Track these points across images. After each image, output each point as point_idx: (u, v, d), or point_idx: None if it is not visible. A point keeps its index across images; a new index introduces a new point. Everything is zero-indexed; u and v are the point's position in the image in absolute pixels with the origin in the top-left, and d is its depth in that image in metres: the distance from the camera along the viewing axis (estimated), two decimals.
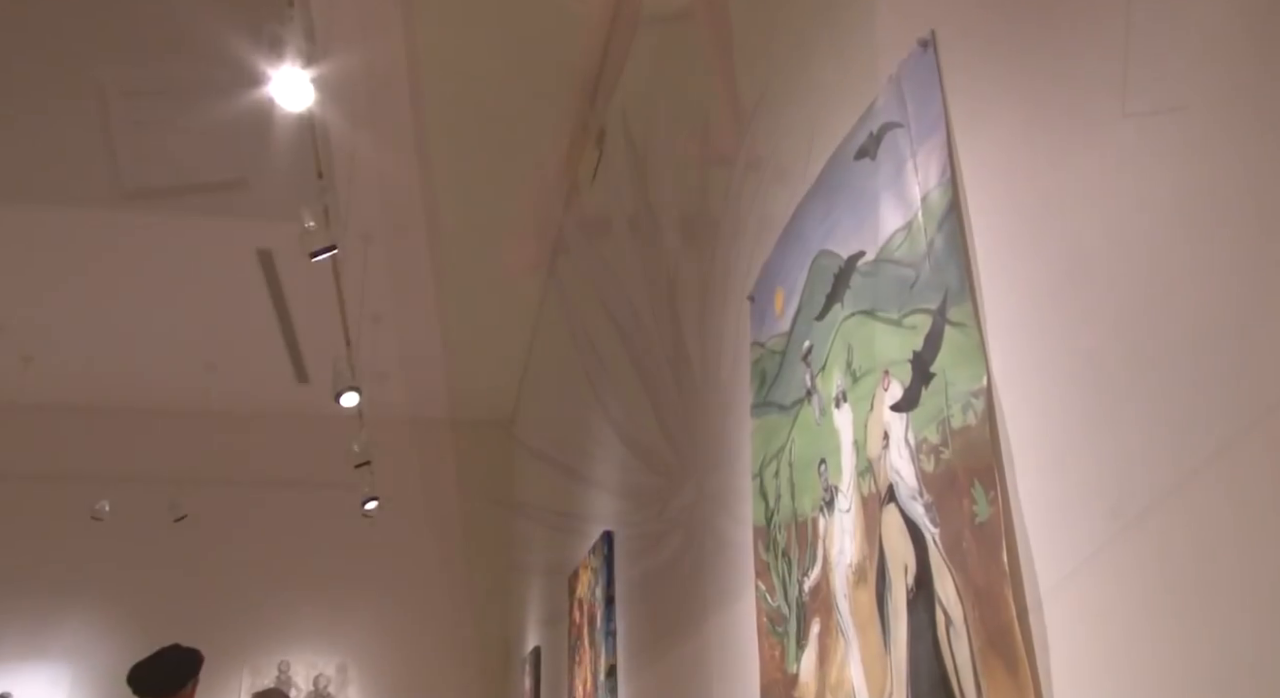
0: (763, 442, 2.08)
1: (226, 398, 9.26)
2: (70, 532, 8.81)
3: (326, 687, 9.44)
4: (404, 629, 9.50)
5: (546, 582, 6.38)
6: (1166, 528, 0.98)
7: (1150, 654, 0.99)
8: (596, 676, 3.99)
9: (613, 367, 4.31)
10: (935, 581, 1.35)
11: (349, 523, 8.84)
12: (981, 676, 1.22)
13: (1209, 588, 0.92)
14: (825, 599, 1.73)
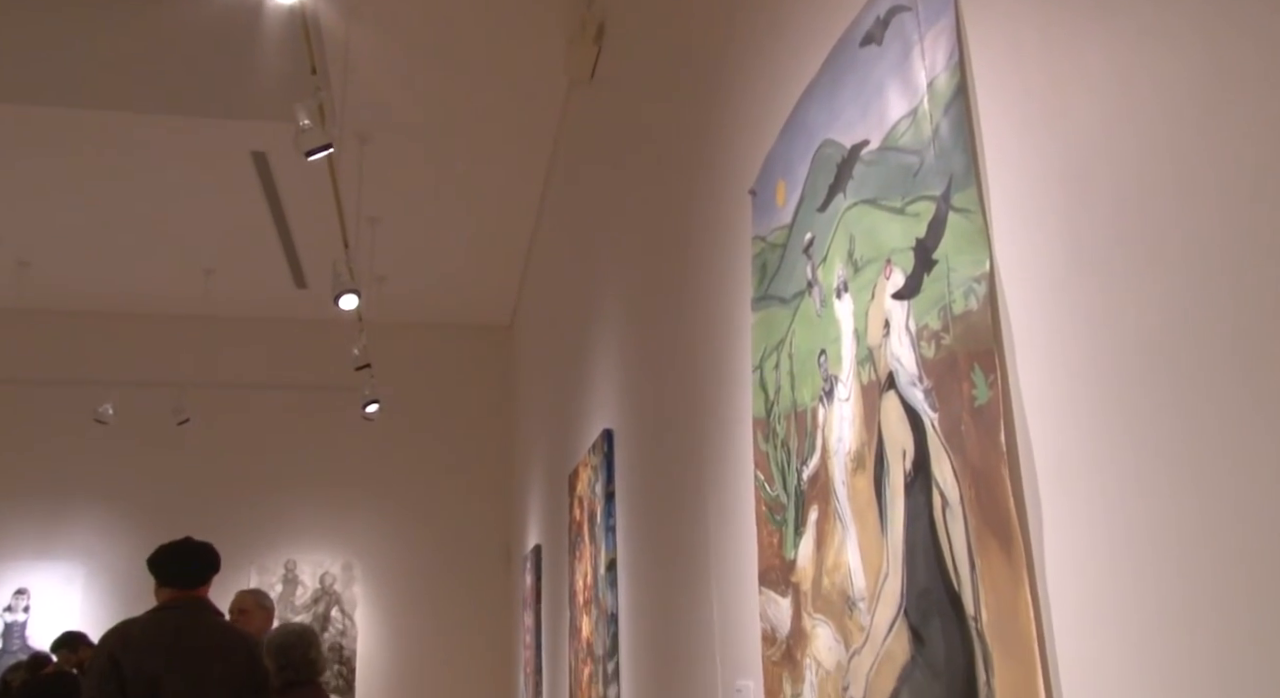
0: (763, 335, 2.09)
1: (225, 303, 9.27)
2: (76, 435, 8.93)
3: (332, 585, 9.67)
4: (407, 529, 9.70)
5: (547, 481, 6.48)
6: (1166, 408, 0.99)
7: (1144, 528, 1.01)
8: (597, 570, 4.09)
9: (612, 264, 4.30)
10: (933, 464, 1.37)
11: (351, 426, 8.95)
12: (976, 554, 1.25)
13: (1207, 464, 0.94)
14: (823, 487, 1.76)
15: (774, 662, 1.97)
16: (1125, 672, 1.02)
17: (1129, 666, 1.02)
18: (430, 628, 9.51)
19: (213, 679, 3.35)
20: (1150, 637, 0.99)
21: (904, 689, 1.45)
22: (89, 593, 8.92)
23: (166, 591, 3.50)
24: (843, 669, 1.65)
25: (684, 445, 2.80)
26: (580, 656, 4.53)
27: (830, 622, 1.71)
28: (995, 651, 1.20)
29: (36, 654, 7.28)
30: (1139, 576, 1.01)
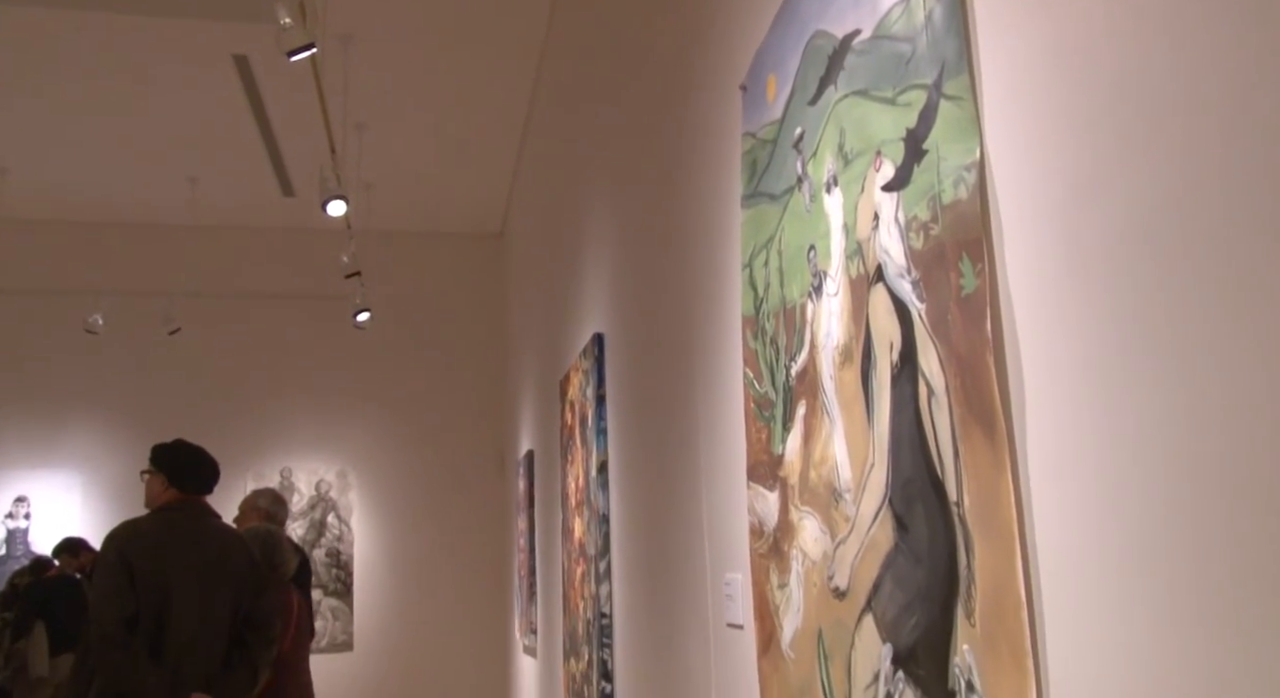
0: (752, 232, 2.08)
1: (212, 212, 9.17)
2: (68, 346, 8.91)
3: (328, 492, 9.80)
4: (401, 436, 9.78)
5: (538, 386, 6.52)
6: (1153, 295, 0.99)
7: (1128, 414, 1.02)
8: (588, 472, 4.14)
9: (602, 167, 4.25)
10: (919, 355, 1.38)
11: (342, 335, 8.94)
12: (960, 441, 1.27)
13: (1192, 352, 0.94)
14: (811, 382, 1.77)
15: (761, 554, 2.01)
16: (1104, 554, 1.04)
17: (1108, 548, 1.04)
18: (425, 533, 9.67)
19: (218, 581, 3.41)
20: (1130, 520, 1.01)
21: (887, 576, 1.48)
22: (88, 501, 9.03)
23: (174, 493, 3.53)
24: (828, 559, 1.69)
25: (674, 346, 2.81)
26: (573, 556, 4.62)
27: (817, 514, 1.74)
28: (976, 535, 1.23)
29: (39, 558, 7.41)
30: (1121, 461, 1.02)
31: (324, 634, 9.41)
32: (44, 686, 6.56)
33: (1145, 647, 0.98)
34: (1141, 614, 0.99)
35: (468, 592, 9.56)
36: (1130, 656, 1.00)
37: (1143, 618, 0.99)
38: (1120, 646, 1.01)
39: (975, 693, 1.22)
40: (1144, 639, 0.98)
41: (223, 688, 3.34)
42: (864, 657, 1.55)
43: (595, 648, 3.93)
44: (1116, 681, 1.02)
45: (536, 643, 6.35)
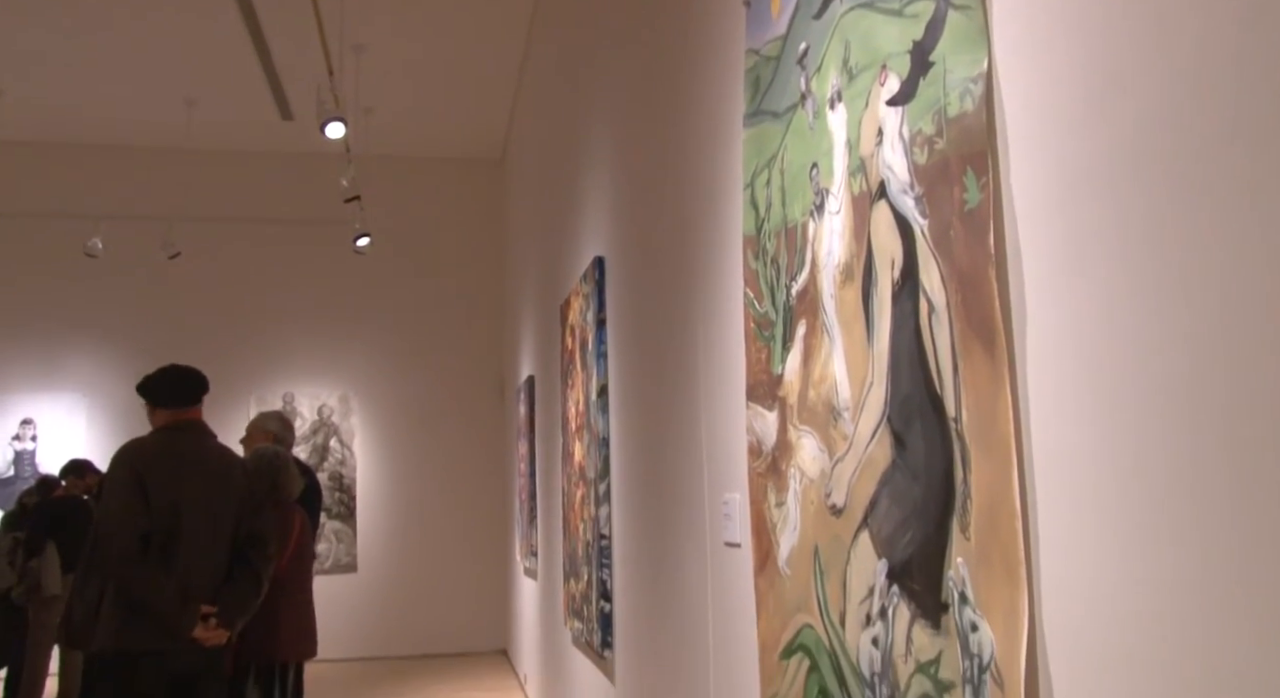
0: (755, 151, 2.05)
1: (210, 135, 9.07)
2: (68, 270, 8.89)
3: (330, 416, 9.86)
4: (402, 362, 9.81)
5: (539, 312, 6.52)
6: (1158, 206, 0.98)
7: (1128, 330, 1.02)
8: (588, 396, 4.16)
9: (602, 89, 4.19)
10: (921, 271, 1.37)
11: (343, 260, 8.92)
12: (960, 357, 1.27)
13: (1195, 266, 0.93)
14: (812, 301, 1.76)
15: (759, 473, 2.02)
16: (1100, 467, 1.05)
17: (1103, 461, 1.04)
18: (427, 458, 9.76)
19: (222, 499, 3.46)
20: (1127, 434, 1.01)
21: (884, 492, 1.49)
22: (92, 423, 9.10)
23: (164, 412, 3.56)
24: (825, 477, 1.70)
25: (674, 268, 2.79)
26: (573, 480, 4.66)
27: (815, 432, 1.74)
28: (973, 449, 1.23)
29: (45, 477, 7.47)
30: (1120, 376, 1.02)
31: (328, 557, 9.55)
32: (58, 603, 6.67)
33: (1138, 558, 0.99)
34: (1135, 525, 1.00)
35: (469, 516, 9.69)
36: (1122, 566, 1.01)
37: (1136, 529, 0.99)
38: (1113, 557, 1.02)
39: (968, 605, 1.24)
40: (1136, 550, 0.99)
41: (228, 599, 3.40)
42: (859, 572, 1.57)
43: (595, 569, 3.99)
44: (1108, 590, 1.03)
45: (537, 565, 6.45)
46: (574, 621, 4.60)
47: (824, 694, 1.71)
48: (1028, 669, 1.13)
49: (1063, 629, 1.10)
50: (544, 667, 6.13)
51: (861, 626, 1.56)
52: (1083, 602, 1.07)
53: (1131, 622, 1.00)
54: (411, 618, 9.51)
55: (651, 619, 3.09)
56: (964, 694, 1.24)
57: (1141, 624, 0.99)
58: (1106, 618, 1.03)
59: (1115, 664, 1.02)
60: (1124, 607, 1.01)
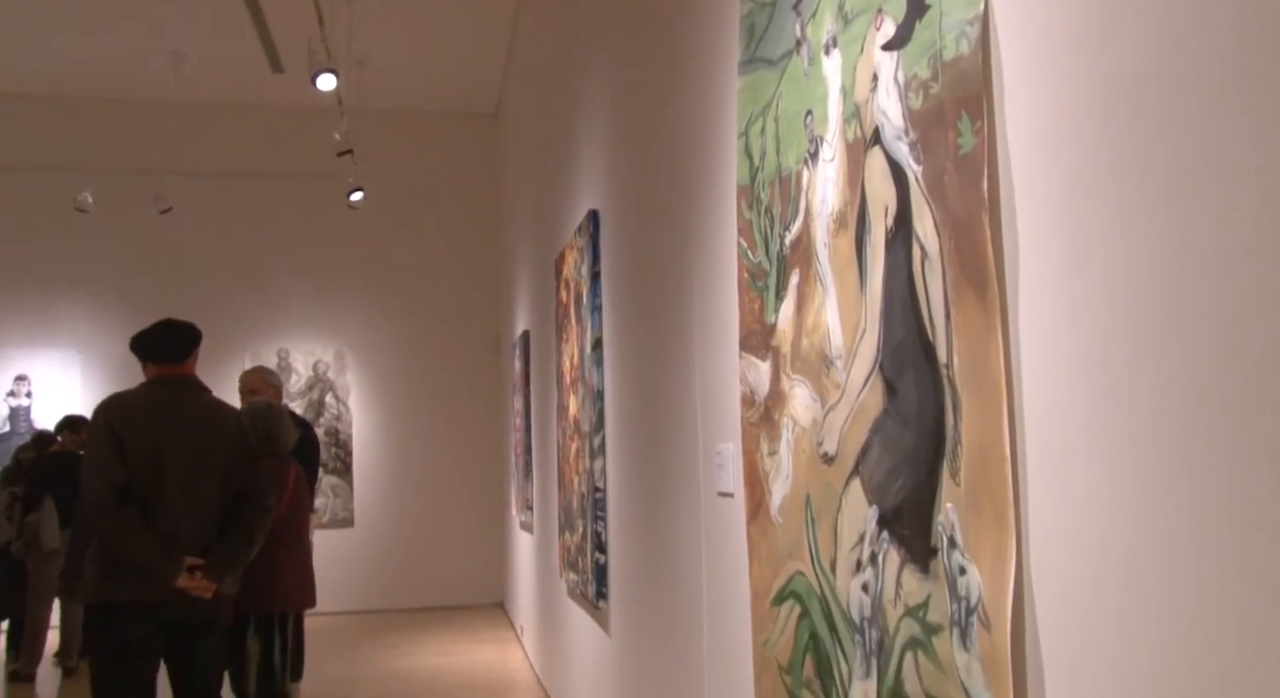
0: (749, 99, 2.04)
1: (199, 89, 8.96)
2: (60, 225, 8.83)
3: (325, 372, 9.87)
4: (397, 318, 9.80)
5: (534, 267, 6.50)
6: (1155, 144, 0.97)
7: (1121, 274, 1.01)
8: (583, 350, 4.16)
9: (597, 41, 4.14)
10: (914, 218, 1.36)
11: (337, 216, 8.87)
12: (952, 304, 1.26)
13: (1190, 214, 0.93)
14: (805, 250, 1.76)
15: (752, 423, 2.03)
16: (1091, 412, 1.05)
17: (1095, 406, 1.04)
18: (423, 413, 9.78)
19: (208, 450, 3.45)
20: (1119, 378, 1.01)
21: (875, 440, 1.50)
22: (87, 379, 9.09)
23: (154, 367, 3.55)
24: (818, 426, 1.70)
25: (668, 219, 2.78)
26: (568, 433, 4.68)
27: (808, 381, 1.75)
28: (965, 395, 1.24)
29: (41, 433, 7.49)
30: (1113, 320, 1.02)
31: (325, 511, 9.61)
32: (57, 557, 6.73)
33: (1126, 503, 1.00)
34: (1124, 471, 1.00)
35: (465, 470, 9.73)
36: (1110, 511, 1.02)
37: (1126, 475, 1.00)
38: (1101, 502, 1.03)
39: (957, 549, 1.25)
40: (1125, 496, 1.00)
41: (217, 552, 3.41)
42: (850, 519, 1.58)
43: (589, 521, 4.02)
44: (1096, 535, 1.04)
45: (533, 519, 6.49)
46: (569, 572, 4.64)
47: (814, 639, 1.73)
48: (1014, 612, 1.14)
49: (1050, 573, 1.11)
50: (540, 619, 6.20)
51: (852, 572, 1.57)
52: (1070, 546, 1.08)
53: (1119, 566, 1.01)
54: (408, 572, 9.59)
55: (646, 570, 3.12)
56: (952, 637, 1.26)
57: (1129, 569, 0.99)
58: (1094, 562, 1.04)
59: (1102, 607, 1.03)
60: (1111, 551, 1.02)
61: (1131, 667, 0.99)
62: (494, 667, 6.84)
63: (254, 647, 4.03)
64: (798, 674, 1.80)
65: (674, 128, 2.73)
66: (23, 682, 6.64)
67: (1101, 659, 1.03)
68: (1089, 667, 1.05)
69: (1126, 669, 0.99)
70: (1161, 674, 0.95)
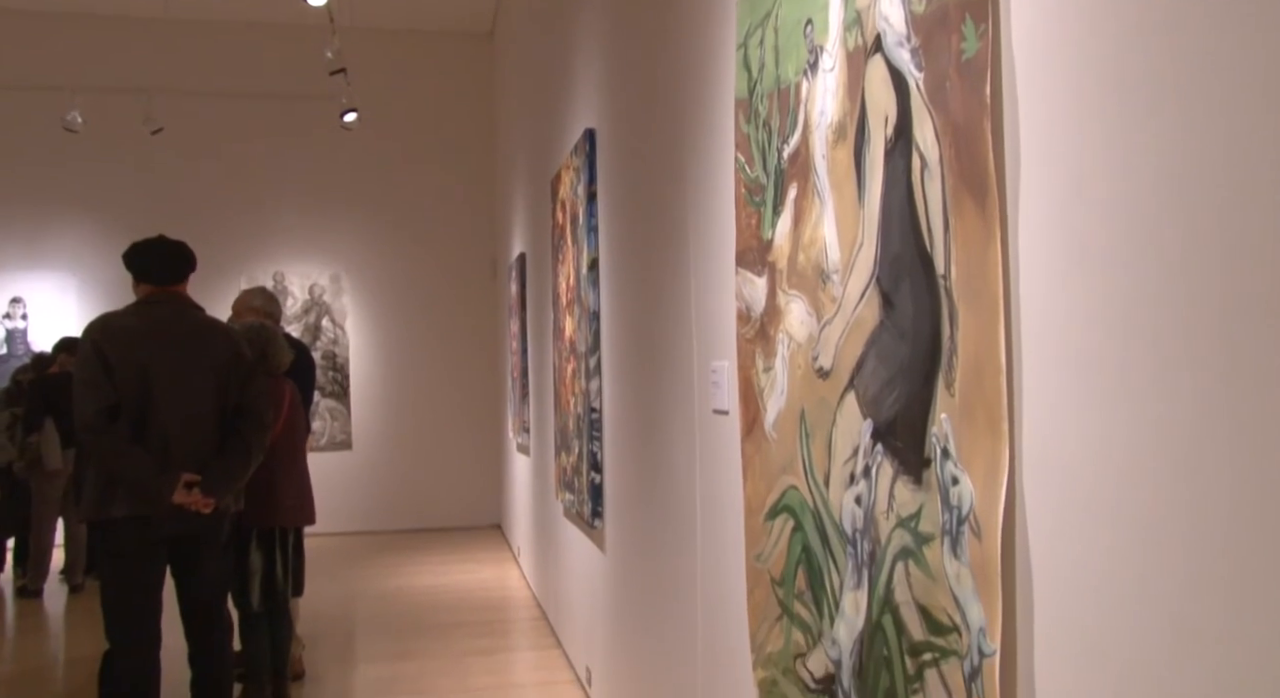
0: (748, 10, 1.99)
1: (189, 4, 8.77)
2: (50, 145, 8.71)
3: (321, 296, 9.84)
4: (393, 241, 9.74)
5: (530, 188, 6.44)
6: (1161, 51, 0.95)
7: (1123, 183, 1.00)
8: (579, 271, 4.14)
9: None
10: (915, 127, 1.34)
11: (331, 137, 8.75)
12: (951, 212, 1.25)
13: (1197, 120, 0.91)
14: (804, 163, 1.73)
15: (748, 339, 2.02)
16: (1089, 319, 1.04)
17: (1093, 313, 1.03)
18: (420, 337, 9.79)
19: (200, 368, 3.43)
20: (1120, 285, 1.00)
21: (870, 353, 1.50)
22: (83, 301, 9.06)
23: (145, 286, 3.52)
24: (813, 341, 1.70)
25: (665, 136, 2.74)
26: (564, 354, 4.68)
27: (804, 296, 1.74)
28: (961, 305, 1.23)
29: (40, 355, 7.49)
30: (1115, 227, 1.01)
31: (323, 434, 9.67)
32: (59, 477, 6.79)
33: (1121, 410, 1.00)
34: (1120, 380, 1.00)
35: (462, 394, 9.78)
36: (1104, 419, 1.02)
37: (1121, 383, 0.99)
38: (1095, 410, 1.03)
39: (950, 459, 1.26)
40: (1120, 404, 1.00)
41: (216, 469, 3.43)
42: (844, 433, 1.59)
43: (585, 441, 4.04)
44: (1090, 443, 1.04)
45: (529, 441, 6.53)
46: (565, 493, 4.69)
47: (807, 552, 1.75)
48: (1005, 520, 1.15)
49: (1042, 481, 1.12)
50: (536, 539, 6.28)
51: (845, 485, 1.58)
52: (1063, 455, 1.08)
53: (1112, 474, 1.01)
54: (406, 494, 9.69)
55: (641, 488, 3.15)
56: (943, 545, 1.27)
57: (1122, 476, 1.00)
58: (1087, 470, 1.04)
59: (1094, 514, 1.04)
60: (1105, 459, 1.02)
61: (1122, 572, 1.00)
62: (491, 586, 6.96)
63: (257, 561, 4.08)
64: (790, 587, 1.83)
65: (671, 43, 2.68)
66: (31, 597, 6.76)
67: (1092, 566, 1.04)
68: (1079, 574, 1.06)
69: (1117, 573, 1.00)
70: (1152, 580, 0.96)
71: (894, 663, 1.42)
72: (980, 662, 1.18)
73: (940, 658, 1.29)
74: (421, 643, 5.39)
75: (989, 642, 1.17)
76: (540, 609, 6.04)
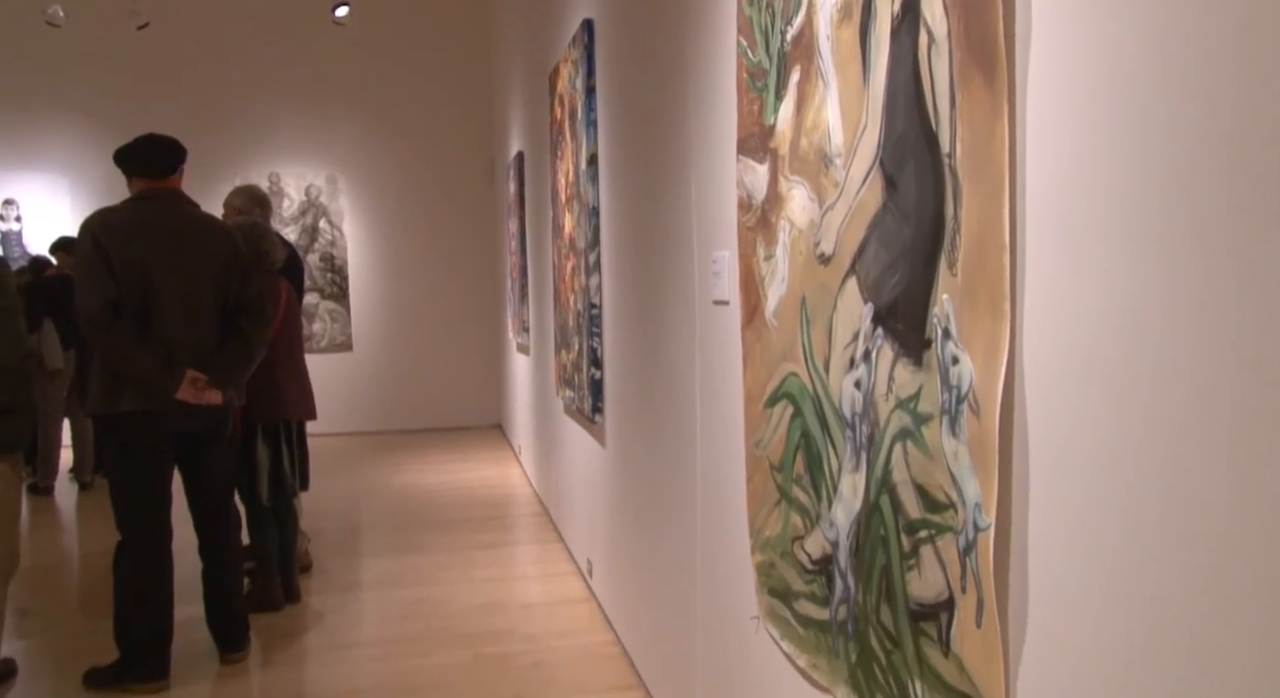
0: None
1: None
2: (34, 42, 8.51)
3: (318, 197, 9.75)
4: (390, 141, 9.62)
5: (528, 84, 6.32)
6: None
7: (1130, 54, 0.97)
8: (578, 166, 4.09)
9: None
10: (923, 2, 1.31)
11: (324, 34, 8.58)
12: (958, 89, 1.22)
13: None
14: (807, 45, 1.69)
15: (749, 228, 2.01)
16: (1093, 198, 1.03)
17: (1097, 193, 1.02)
18: (418, 238, 9.73)
19: (200, 265, 3.42)
20: (1124, 163, 0.99)
21: (873, 237, 1.49)
22: (76, 202, 8.98)
23: (139, 182, 3.48)
24: (815, 227, 1.69)
25: (665, 23, 2.68)
26: (563, 252, 4.66)
27: (806, 182, 1.72)
28: (966, 183, 1.22)
29: (37, 258, 7.47)
30: (1123, 101, 0.99)
31: (323, 336, 9.70)
32: (61, 377, 6.83)
33: (1125, 287, 0.99)
34: (1125, 255, 0.99)
35: (462, 294, 9.78)
36: (1109, 295, 1.01)
37: (1127, 258, 0.99)
38: (1099, 286, 1.02)
39: (951, 339, 1.26)
40: (1125, 280, 0.99)
41: (218, 364, 3.45)
42: (845, 318, 1.59)
43: (585, 338, 4.06)
44: (1092, 319, 1.04)
45: (529, 340, 6.56)
46: (565, 390, 4.72)
47: (806, 438, 1.77)
48: (1004, 397, 1.16)
49: (1041, 358, 1.12)
50: (537, 437, 6.36)
51: (845, 370, 1.59)
52: (1064, 332, 1.08)
53: (1113, 350, 1.01)
54: (407, 394, 9.77)
55: (641, 382, 3.17)
56: (941, 425, 1.28)
57: (1123, 353, 1.00)
58: (1087, 347, 1.05)
59: (1092, 389, 1.04)
60: (1106, 336, 1.02)
61: (1121, 447, 1.00)
62: (493, 483, 7.07)
63: (264, 456, 4.14)
64: (788, 471, 1.85)
65: None
66: (41, 494, 6.88)
67: (1089, 441, 1.05)
68: (1076, 449, 1.07)
69: (1115, 448, 1.01)
70: (1149, 453, 0.97)
71: (890, 542, 1.45)
72: (975, 536, 1.21)
73: (936, 534, 1.31)
74: (425, 538, 5.50)
75: (984, 516, 1.19)
76: (542, 505, 6.15)
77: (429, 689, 3.43)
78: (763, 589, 2.04)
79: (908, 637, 1.40)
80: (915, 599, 1.38)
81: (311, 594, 4.49)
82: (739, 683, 2.27)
